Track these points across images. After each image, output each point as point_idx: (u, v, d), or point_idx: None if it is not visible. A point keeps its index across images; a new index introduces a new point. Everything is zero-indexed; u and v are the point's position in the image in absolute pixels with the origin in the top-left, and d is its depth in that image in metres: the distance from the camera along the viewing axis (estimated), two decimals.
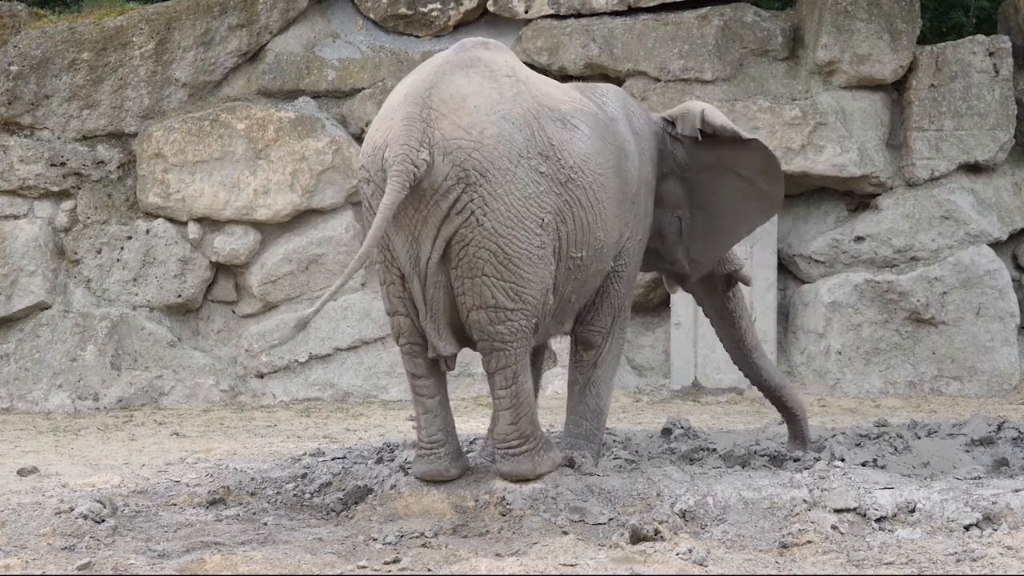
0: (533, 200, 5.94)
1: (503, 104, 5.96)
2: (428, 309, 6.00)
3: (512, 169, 5.89)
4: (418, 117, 5.87)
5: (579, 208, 6.13)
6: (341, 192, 11.81)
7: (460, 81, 5.98)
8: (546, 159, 5.99)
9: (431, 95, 5.93)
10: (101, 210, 11.81)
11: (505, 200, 5.87)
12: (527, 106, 6.02)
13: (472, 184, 5.83)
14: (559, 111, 6.15)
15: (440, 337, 6.04)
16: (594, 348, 6.72)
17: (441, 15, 12.10)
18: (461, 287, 5.94)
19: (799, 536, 5.68)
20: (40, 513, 6.20)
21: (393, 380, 11.67)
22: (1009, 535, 5.57)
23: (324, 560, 5.41)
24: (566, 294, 6.30)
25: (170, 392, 11.56)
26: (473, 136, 5.85)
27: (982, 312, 11.85)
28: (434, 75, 6.02)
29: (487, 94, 5.96)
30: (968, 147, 11.98)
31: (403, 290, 6.06)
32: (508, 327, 5.99)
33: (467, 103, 5.92)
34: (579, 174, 6.11)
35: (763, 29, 12.05)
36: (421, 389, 6.22)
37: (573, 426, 6.73)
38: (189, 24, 11.85)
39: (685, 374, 11.78)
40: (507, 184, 5.88)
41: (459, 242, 5.88)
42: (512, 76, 6.11)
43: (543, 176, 5.98)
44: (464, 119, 5.88)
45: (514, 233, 5.91)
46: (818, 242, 12.11)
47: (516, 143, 5.91)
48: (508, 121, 5.93)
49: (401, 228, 5.92)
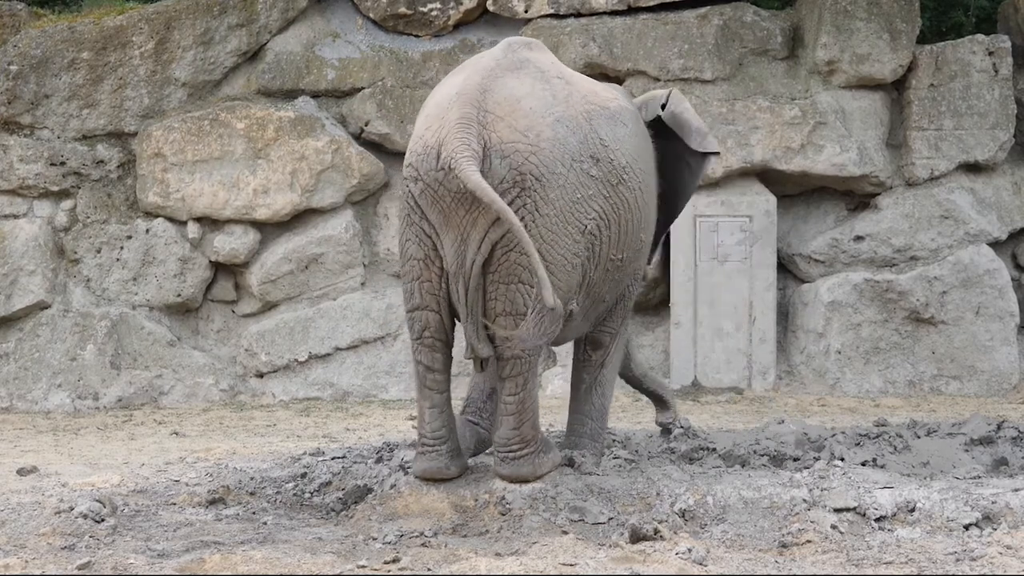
0: (580, 205, 5.93)
1: (557, 106, 5.95)
2: (469, 311, 5.97)
3: (565, 173, 5.88)
4: (474, 119, 5.83)
5: (626, 210, 6.12)
6: (341, 192, 11.81)
7: (512, 83, 5.96)
8: (597, 162, 5.99)
9: (485, 97, 5.89)
10: (101, 210, 11.81)
11: (555, 205, 5.86)
12: (579, 108, 6.01)
13: (527, 188, 5.81)
14: (608, 109, 6.14)
15: (479, 339, 6.02)
16: (603, 348, 6.73)
17: (441, 15, 12.09)
18: (495, 292, 5.92)
19: (799, 536, 5.68)
20: (40, 512, 6.20)
21: (393, 380, 11.68)
22: (1009, 534, 5.57)
23: (324, 560, 5.41)
24: (601, 295, 6.30)
25: (170, 391, 11.56)
26: (530, 139, 5.83)
27: (982, 312, 11.85)
28: (486, 76, 5.98)
29: (541, 96, 5.95)
30: (968, 147, 11.98)
31: (439, 288, 6.02)
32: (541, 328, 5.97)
33: (521, 105, 5.89)
34: (629, 175, 6.11)
35: (763, 29, 12.05)
36: (432, 383, 6.20)
37: (578, 425, 6.73)
38: (189, 24, 11.85)
39: (685, 373, 11.78)
40: (559, 189, 5.86)
41: (504, 246, 5.85)
42: (561, 77, 6.10)
43: (593, 180, 5.97)
44: (520, 122, 5.85)
45: (557, 239, 5.90)
46: (818, 241, 12.11)
47: (570, 146, 5.91)
48: (562, 124, 5.92)
49: (451, 228, 5.89)
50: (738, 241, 11.73)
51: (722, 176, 11.82)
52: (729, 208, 11.81)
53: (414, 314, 6.14)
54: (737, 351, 11.65)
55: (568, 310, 6.08)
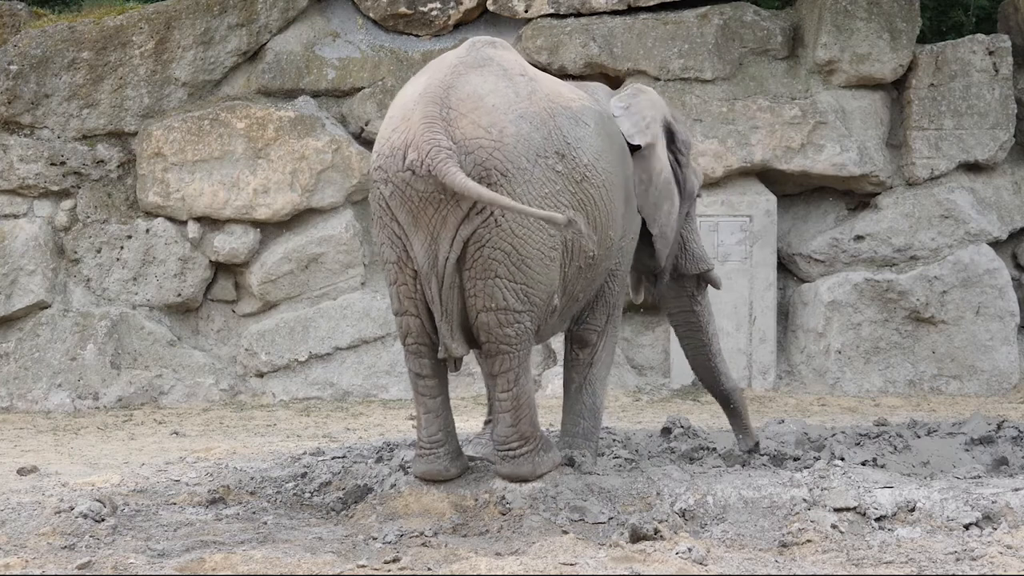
0: (549, 199, 5.94)
1: (520, 103, 5.97)
2: (444, 310, 5.99)
3: (531, 168, 5.89)
4: (438, 116, 5.85)
5: (592, 207, 6.12)
6: (341, 191, 11.81)
7: (476, 81, 5.98)
8: (562, 158, 6.00)
9: (448, 95, 5.92)
10: (101, 209, 11.81)
11: (524, 200, 5.86)
12: (543, 105, 6.03)
13: (493, 184, 5.83)
14: (571, 109, 6.16)
15: (454, 339, 6.04)
16: (589, 347, 6.73)
17: (441, 14, 12.10)
18: (473, 288, 5.93)
19: (799, 535, 5.68)
20: (40, 512, 6.20)
21: (393, 379, 11.68)
22: (1009, 534, 5.57)
23: (324, 559, 5.41)
24: (575, 292, 6.31)
25: (170, 391, 11.56)
26: (494, 136, 5.85)
27: (982, 311, 11.85)
28: (450, 75, 6.01)
29: (504, 93, 5.97)
30: (968, 146, 11.98)
31: (415, 290, 6.05)
32: (515, 329, 5.99)
33: (485, 102, 5.92)
34: (593, 172, 6.11)
35: (763, 28, 12.05)
36: (424, 389, 6.22)
37: (571, 425, 6.74)
38: (189, 23, 11.85)
39: (685, 373, 11.74)
40: (526, 184, 5.88)
41: (476, 243, 5.87)
42: (525, 75, 6.12)
43: (559, 175, 5.98)
44: (483, 119, 5.87)
45: (530, 234, 5.91)
46: (818, 241, 12.11)
47: (535, 142, 5.92)
48: (526, 120, 5.94)
49: (420, 228, 5.91)
50: (738, 241, 11.73)
51: (722, 176, 11.82)
52: (729, 208, 11.81)
53: (398, 319, 6.18)
54: (737, 351, 11.65)
55: (553, 305, 6.10)
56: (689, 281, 7.30)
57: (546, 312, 6.13)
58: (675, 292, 7.34)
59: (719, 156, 11.77)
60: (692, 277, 7.29)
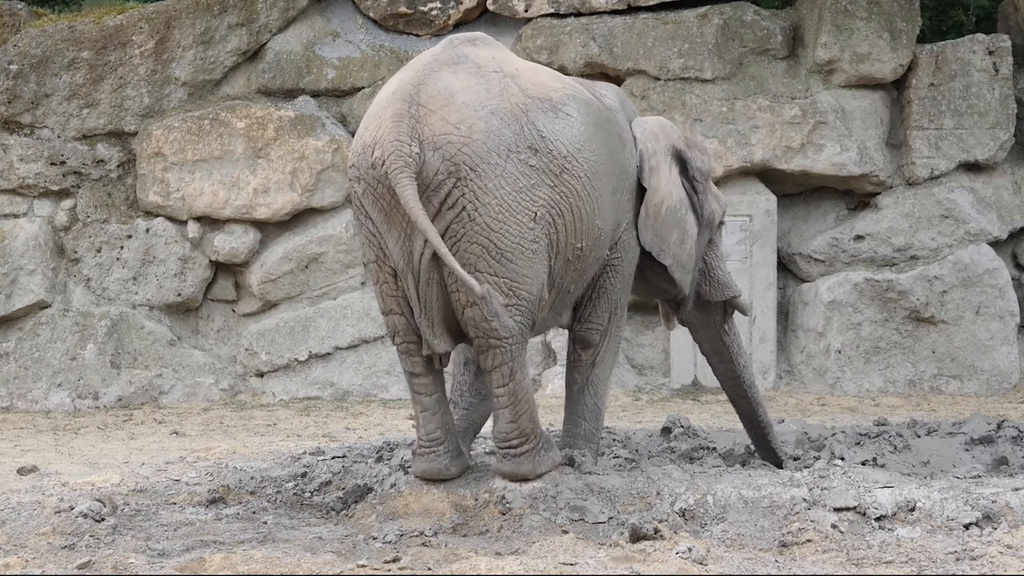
0: (524, 194, 5.94)
1: (491, 100, 5.97)
2: (422, 307, 6.00)
3: (502, 164, 5.89)
4: (407, 114, 5.88)
5: (576, 198, 6.11)
6: (341, 191, 11.81)
7: (448, 78, 6.00)
8: (536, 152, 5.99)
9: (419, 92, 5.94)
10: (101, 209, 11.81)
11: (496, 194, 5.87)
12: (515, 100, 6.02)
13: (463, 179, 5.84)
14: (550, 100, 6.14)
15: (435, 335, 6.05)
16: (592, 347, 6.71)
17: (441, 14, 12.09)
18: (455, 283, 5.92)
19: (799, 535, 5.68)
20: (40, 512, 6.20)
21: (393, 379, 11.67)
22: (1009, 534, 5.57)
23: (324, 559, 5.41)
24: (565, 285, 6.30)
25: (170, 391, 11.56)
26: (462, 131, 5.87)
27: (982, 311, 11.85)
28: (422, 72, 6.04)
29: (475, 90, 5.98)
30: (968, 146, 11.98)
31: (396, 289, 6.06)
32: (503, 323, 5.98)
33: (455, 99, 5.93)
34: (573, 163, 6.09)
35: (763, 28, 12.05)
36: (419, 387, 6.22)
37: (572, 426, 6.72)
38: (189, 23, 11.85)
39: (685, 373, 11.78)
40: (497, 179, 5.88)
41: (451, 237, 5.87)
42: (499, 71, 6.11)
43: (533, 169, 5.98)
44: (453, 115, 5.89)
45: (506, 228, 5.91)
46: (818, 241, 12.11)
47: (505, 138, 5.92)
48: (496, 116, 5.94)
49: (393, 225, 5.92)
50: (738, 240, 11.73)
51: (722, 175, 11.81)
52: (729, 207, 11.79)
53: (385, 319, 6.20)
54: None
55: (541, 298, 6.09)
56: (716, 308, 7.21)
57: (539, 304, 6.11)
58: (702, 321, 7.26)
59: (719, 156, 11.76)
60: (718, 304, 7.20)
